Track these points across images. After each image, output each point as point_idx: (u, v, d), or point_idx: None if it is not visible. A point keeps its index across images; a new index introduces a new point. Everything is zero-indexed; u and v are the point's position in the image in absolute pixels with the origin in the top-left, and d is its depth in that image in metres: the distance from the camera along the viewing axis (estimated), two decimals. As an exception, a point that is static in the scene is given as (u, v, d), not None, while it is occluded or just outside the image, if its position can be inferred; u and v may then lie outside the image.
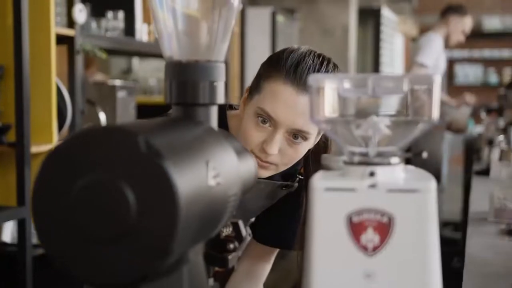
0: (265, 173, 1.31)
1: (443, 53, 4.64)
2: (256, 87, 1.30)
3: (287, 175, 1.45)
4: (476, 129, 5.45)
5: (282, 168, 1.32)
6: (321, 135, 1.34)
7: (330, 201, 0.66)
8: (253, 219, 1.57)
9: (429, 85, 0.67)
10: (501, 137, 2.92)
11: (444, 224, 5.41)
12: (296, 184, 1.46)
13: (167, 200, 0.58)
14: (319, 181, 0.67)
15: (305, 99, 1.23)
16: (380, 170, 0.67)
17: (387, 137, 0.69)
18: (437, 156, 4.39)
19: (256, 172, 0.86)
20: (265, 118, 1.26)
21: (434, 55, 4.46)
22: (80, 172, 0.59)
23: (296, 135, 1.26)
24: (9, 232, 2.68)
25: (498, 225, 1.80)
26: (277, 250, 1.59)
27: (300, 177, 1.47)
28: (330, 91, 0.70)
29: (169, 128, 0.68)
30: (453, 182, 6.06)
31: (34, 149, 2.45)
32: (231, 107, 1.46)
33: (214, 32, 0.78)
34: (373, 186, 0.66)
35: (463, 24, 4.57)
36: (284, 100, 1.24)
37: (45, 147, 2.53)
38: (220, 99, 0.78)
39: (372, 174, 0.67)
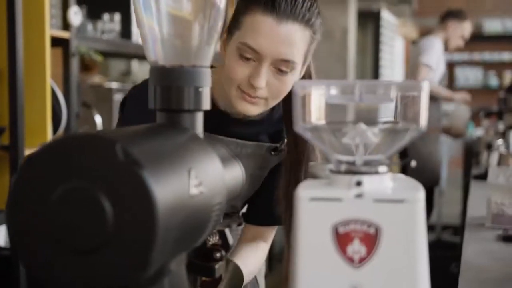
0: (255, 109, 1.30)
1: (443, 56, 4.64)
2: (235, 24, 1.29)
3: (275, 135, 1.44)
4: (476, 132, 5.43)
5: (272, 103, 1.30)
6: (306, 67, 1.34)
7: (315, 211, 0.64)
8: (244, 209, 1.54)
9: (417, 92, 0.65)
10: (500, 141, 2.90)
11: (443, 228, 5.38)
12: (285, 148, 1.44)
13: (145, 210, 0.56)
14: (304, 190, 0.65)
15: (286, 28, 1.23)
16: (367, 179, 0.65)
17: (376, 145, 0.67)
18: (434, 158, 4.36)
19: (244, 179, 0.84)
20: (248, 53, 1.24)
21: (436, 57, 4.46)
22: (56, 181, 0.58)
23: (282, 66, 1.25)
24: (3, 236, 2.67)
25: (496, 230, 1.78)
26: (273, 229, 1.55)
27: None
28: (316, 98, 0.68)
29: (151, 135, 0.66)
30: (452, 185, 6.05)
31: (28, 152, 2.43)
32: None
33: (199, 36, 0.77)
34: (359, 196, 0.64)
35: (462, 29, 4.55)
36: (265, 31, 1.23)
37: (40, 150, 2.51)
38: (206, 105, 0.76)
39: (358, 183, 0.65)
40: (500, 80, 9.19)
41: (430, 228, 5.33)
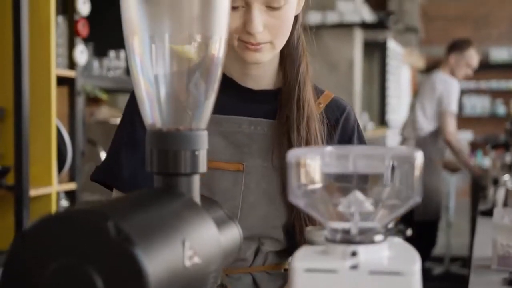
0: (263, 56, 1.21)
1: None
2: None
3: None
4: (484, 161, 5.39)
5: (279, 44, 1.21)
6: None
7: (310, 283, 0.64)
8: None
9: (410, 162, 0.65)
10: (506, 177, 2.87)
11: (452, 260, 5.33)
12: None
13: (137, 287, 0.56)
14: (299, 261, 0.65)
15: None
16: (362, 249, 0.64)
17: (372, 212, 0.67)
18: (438, 192, 4.34)
19: (241, 240, 0.84)
20: (233, 1, 1.14)
21: (457, 99, 4.48)
22: (49, 258, 0.57)
23: (273, 3, 1.16)
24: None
25: (502, 273, 1.76)
26: None
27: None
28: (311, 166, 0.67)
29: (144, 205, 0.66)
30: (461, 215, 6.01)
31: (33, 192, 2.43)
32: None
33: (197, 97, 0.77)
34: (354, 267, 0.63)
35: (466, 59, 4.53)
36: None
37: (45, 190, 2.52)
38: (203, 167, 0.76)
39: (354, 253, 0.64)
40: (508, 108, 9.17)
41: (439, 260, 5.28)
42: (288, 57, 1.30)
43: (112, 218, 0.57)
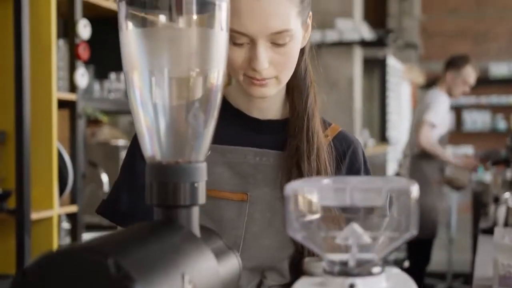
0: (269, 90, 1.21)
1: (448, 114, 4.63)
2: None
3: None
4: (485, 176, 5.39)
5: (284, 78, 1.22)
6: (309, 24, 1.26)
7: (309, 316, 0.64)
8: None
9: (407, 194, 0.66)
10: (507, 194, 2.86)
11: (454, 276, 5.32)
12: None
13: (137, 324, 0.56)
14: (297, 294, 0.65)
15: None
16: (360, 282, 0.65)
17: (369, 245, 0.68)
18: (435, 211, 4.33)
19: (241, 270, 0.84)
20: (237, 38, 1.15)
21: (442, 114, 4.45)
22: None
23: (278, 40, 1.16)
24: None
25: (503, 293, 1.76)
26: None
27: None
28: (308, 198, 0.68)
29: (144, 240, 0.67)
30: (462, 231, 5.99)
31: (35, 215, 2.44)
32: None
33: (196, 129, 0.78)
34: (352, 300, 0.64)
35: (463, 76, 4.51)
36: (246, 10, 1.13)
37: (46, 213, 2.52)
38: (202, 199, 0.77)
39: (352, 286, 0.65)
40: (508, 124, 9.19)
41: (441, 276, 5.27)
42: (295, 89, 1.30)
43: (111, 255, 0.58)
